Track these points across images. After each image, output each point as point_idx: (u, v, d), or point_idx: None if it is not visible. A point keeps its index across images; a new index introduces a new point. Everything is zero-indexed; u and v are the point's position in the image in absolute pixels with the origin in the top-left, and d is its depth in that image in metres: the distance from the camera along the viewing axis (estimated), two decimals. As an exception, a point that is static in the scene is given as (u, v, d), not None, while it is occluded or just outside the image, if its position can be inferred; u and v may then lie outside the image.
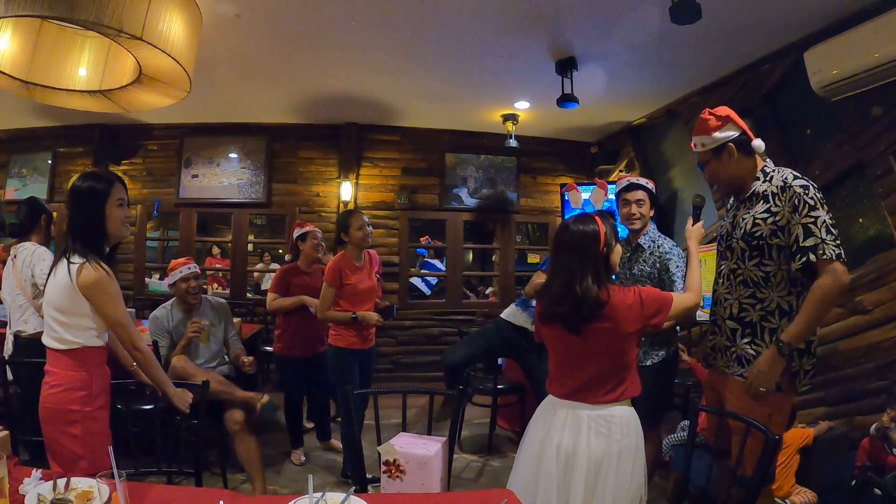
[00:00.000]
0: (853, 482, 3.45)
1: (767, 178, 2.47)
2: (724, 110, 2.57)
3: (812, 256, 2.25)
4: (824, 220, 2.26)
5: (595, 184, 6.78)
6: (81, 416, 2.27)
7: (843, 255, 2.25)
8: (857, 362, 4.17)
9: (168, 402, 2.67)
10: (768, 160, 2.57)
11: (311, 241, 4.67)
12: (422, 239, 8.89)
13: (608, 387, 2.28)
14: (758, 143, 2.54)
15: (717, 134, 2.54)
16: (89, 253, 2.29)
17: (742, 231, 2.49)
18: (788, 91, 4.80)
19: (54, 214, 4.07)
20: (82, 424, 2.27)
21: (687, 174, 6.54)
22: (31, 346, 3.58)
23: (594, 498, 2.18)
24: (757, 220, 2.43)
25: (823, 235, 2.24)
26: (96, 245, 2.34)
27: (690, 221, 2.92)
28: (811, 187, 2.33)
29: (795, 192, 2.32)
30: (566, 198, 7.22)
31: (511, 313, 4.50)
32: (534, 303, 3.76)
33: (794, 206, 2.31)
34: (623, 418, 2.27)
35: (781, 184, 2.39)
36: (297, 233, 4.75)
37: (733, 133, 2.53)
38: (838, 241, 2.25)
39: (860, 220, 4.35)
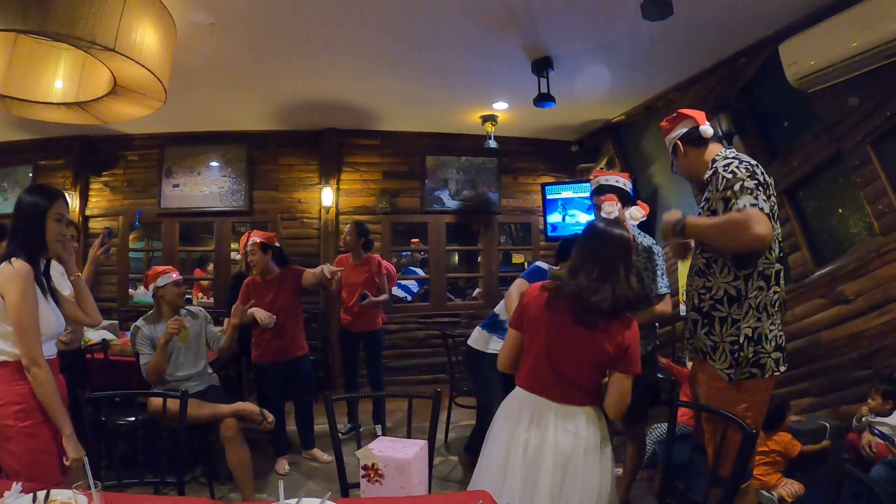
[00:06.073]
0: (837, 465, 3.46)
1: (712, 167, 2.50)
2: (677, 112, 2.69)
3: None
4: (742, 186, 2.30)
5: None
6: (16, 432, 2.18)
7: (765, 211, 2.26)
8: (841, 352, 4.21)
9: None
10: (725, 149, 2.59)
11: (249, 258, 4.61)
12: (412, 241, 8.88)
13: (579, 391, 2.30)
14: (704, 129, 2.60)
15: (670, 136, 2.68)
16: (20, 254, 2.24)
17: None
18: (765, 84, 4.83)
19: None
20: (17, 440, 2.18)
21: (667, 170, 6.54)
22: None
23: (561, 494, 2.18)
24: (699, 210, 2.52)
25: (740, 197, 2.29)
26: (32, 253, 2.29)
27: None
28: (735, 161, 2.40)
29: (718, 173, 2.40)
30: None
31: (474, 338, 4.11)
32: (504, 321, 3.73)
33: (716, 186, 2.39)
34: (589, 416, 2.29)
35: (712, 171, 2.46)
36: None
37: (682, 130, 2.63)
38: (757, 200, 2.27)
39: (839, 211, 4.38)
